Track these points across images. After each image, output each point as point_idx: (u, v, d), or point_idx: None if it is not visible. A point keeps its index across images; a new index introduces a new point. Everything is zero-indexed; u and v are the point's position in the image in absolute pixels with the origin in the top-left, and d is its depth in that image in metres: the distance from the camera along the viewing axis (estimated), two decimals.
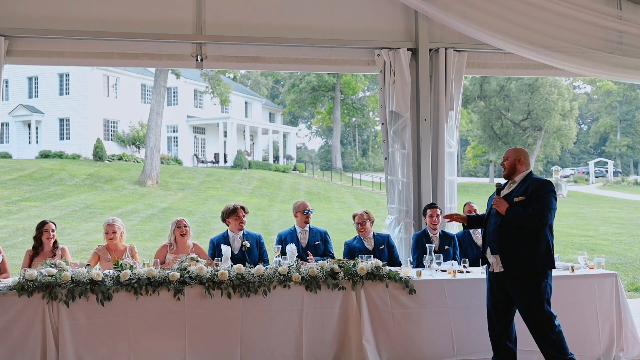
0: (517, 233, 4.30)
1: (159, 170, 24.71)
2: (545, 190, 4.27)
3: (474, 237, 6.17)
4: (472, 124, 42.41)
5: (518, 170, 4.47)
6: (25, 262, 5.45)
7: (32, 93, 32.87)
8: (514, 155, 4.48)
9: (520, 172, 4.46)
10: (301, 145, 58.42)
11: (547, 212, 4.21)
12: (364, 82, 43.26)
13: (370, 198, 26.09)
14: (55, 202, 18.95)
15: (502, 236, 4.36)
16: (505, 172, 4.52)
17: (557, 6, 6.35)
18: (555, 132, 37.37)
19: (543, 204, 4.22)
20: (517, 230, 4.29)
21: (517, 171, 4.47)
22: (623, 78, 7.02)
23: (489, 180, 43.00)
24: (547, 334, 4.31)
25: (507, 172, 4.50)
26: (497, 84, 37.34)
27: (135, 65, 6.85)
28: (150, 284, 4.53)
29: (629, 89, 48.46)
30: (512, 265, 4.32)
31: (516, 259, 4.30)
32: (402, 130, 6.51)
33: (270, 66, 6.68)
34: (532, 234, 4.27)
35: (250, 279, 4.67)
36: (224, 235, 5.79)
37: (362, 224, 5.90)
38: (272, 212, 19.76)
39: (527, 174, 4.44)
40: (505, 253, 4.34)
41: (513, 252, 4.31)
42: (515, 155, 4.49)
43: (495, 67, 6.88)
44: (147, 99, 34.02)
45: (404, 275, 4.90)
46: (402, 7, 6.55)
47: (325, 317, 4.78)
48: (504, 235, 4.35)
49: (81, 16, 6.10)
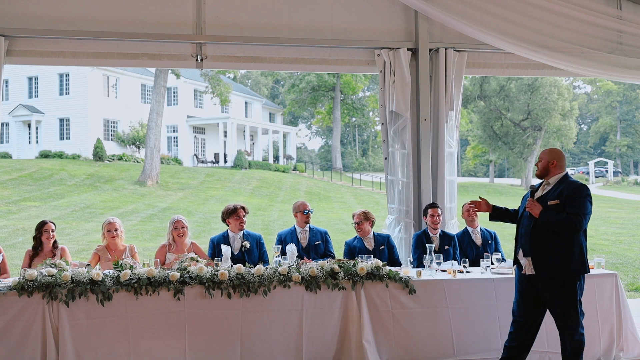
0: (550, 237, 4.25)
1: (159, 170, 24.71)
2: (581, 195, 4.22)
3: (474, 237, 6.18)
4: (472, 124, 42.40)
5: (552, 172, 4.40)
6: (25, 262, 5.45)
7: (32, 93, 32.86)
8: (548, 157, 4.42)
9: (554, 174, 4.39)
10: (301, 145, 58.43)
11: (582, 217, 4.17)
12: (364, 82, 43.24)
13: (370, 198, 26.09)
14: (55, 202, 18.95)
15: (535, 239, 4.31)
16: (537, 172, 4.47)
17: (557, 6, 6.35)
18: (555, 132, 37.34)
19: (578, 208, 4.18)
20: (550, 234, 4.24)
21: (550, 173, 4.40)
22: (623, 78, 7.02)
23: (488, 180, 43.03)
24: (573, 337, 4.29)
25: (540, 173, 4.45)
26: (497, 84, 37.32)
27: (135, 65, 6.85)
28: (150, 284, 4.53)
29: (629, 89, 48.46)
30: (544, 269, 4.28)
31: (548, 262, 4.26)
32: (402, 130, 6.51)
33: (270, 66, 6.68)
34: (566, 238, 4.22)
35: (250, 279, 4.67)
36: (224, 235, 5.79)
37: (359, 224, 5.89)
38: (272, 212, 19.76)
39: (562, 176, 4.37)
40: (538, 256, 4.29)
41: (545, 256, 4.26)
42: (549, 157, 4.42)
43: (495, 67, 6.88)
44: (147, 99, 34.01)
45: (404, 275, 4.90)
46: (402, 7, 6.55)
47: (325, 317, 4.78)
48: (536, 238, 4.31)
49: (81, 16, 6.10)
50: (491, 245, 6.16)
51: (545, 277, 4.28)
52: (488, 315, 4.94)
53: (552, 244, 4.25)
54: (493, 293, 4.97)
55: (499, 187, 37.14)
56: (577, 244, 4.24)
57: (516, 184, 39.32)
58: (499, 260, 5.51)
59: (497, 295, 4.97)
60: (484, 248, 6.10)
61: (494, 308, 4.96)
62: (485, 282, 5.01)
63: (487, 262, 5.29)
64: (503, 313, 4.94)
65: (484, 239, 6.19)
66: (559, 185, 4.33)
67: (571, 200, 4.20)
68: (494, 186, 37.57)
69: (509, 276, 5.07)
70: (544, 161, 4.42)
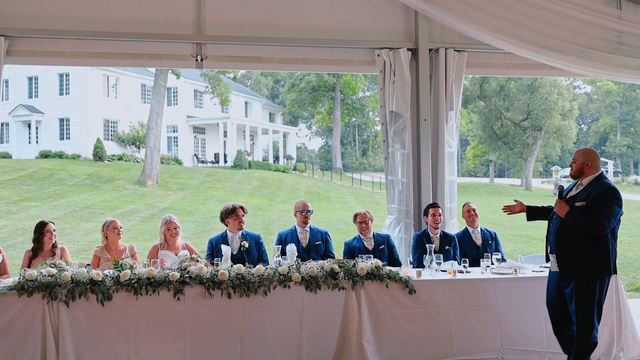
0: (575, 236, 4.30)
1: (159, 170, 24.71)
2: (607, 198, 4.25)
3: (474, 237, 6.18)
4: (472, 124, 42.40)
5: (586, 173, 4.42)
6: (24, 262, 5.44)
7: (32, 93, 32.86)
8: (582, 159, 4.43)
9: (588, 175, 4.42)
10: (301, 145, 58.42)
11: (605, 220, 4.19)
12: (364, 82, 43.24)
13: (370, 198, 26.09)
14: (55, 202, 18.95)
15: (561, 238, 4.39)
16: (572, 173, 4.50)
17: (557, 6, 6.35)
18: (555, 132, 37.35)
19: (602, 211, 4.21)
20: (576, 234, 4.29)
21: (584, 174, 4.43)
22: (623, 78, 7.02)
23: (488, 180, 43.02)
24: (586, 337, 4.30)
25: (574, 174, 4.48)
26: (497, 84, 37.33)
27: (135, 65, 6.85)
28: (150, 284, 4.53)
29: (629, 89, 48.46)
30: (565, 268, 4.36)
31: (571, 261, 4.32)
32: (402, 130, 6.51)
33: (270, 66, 6.68)
34: (590, 239, 4.26)
35: (250, 279, 4.67)
36: (223, 236, 5.79)
37: (366, 223, 5.90)
38: (272, 212, 19.76)
39: (595, 177, 4.40)
40: (562, 255, 4.38)
41: (569, 255, 4.33)
42: (583, 159, 4.43)
43: (495, 67, 6.88)
44: (147, 99, 34.01)
45: (404, 275, 4.90)
46: (402, 7, 6.55)
47: (325, 317, 4.78)
48: (562, 237, 4.38)
49: (81, 16, 6.10)
50: (491, 245, 6.16)
51: (567, 275, 4.35)
52: (488, 315, 4.94)
53: (577, 244, 4.30)
54: (493, 293, 4.97)
55: (498, 187, 37.14)
56: (601, 246, 4.27)
57: (516, 184, 39.32)
58: (499, 261, 5.51)
59: (497, 295, 4.97)
60: (484, 248, 6.10)
61: (494, 308, 4.95)
62: (485, 282, 5.00)
63: (487, 262, 5.29)
64: (503, 313, 4.95)
65: (484, 239, 6.19)
66: (589, 187, 4.36)
67: (597, 202, 4.24)
68: (493, 186, 37.58)
69: (509, 276, 5.07)
70: (578, 162, 4.45)
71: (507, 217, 21.36)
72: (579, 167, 4.43)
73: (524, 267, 5.35)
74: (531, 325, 4.96)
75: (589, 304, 4.28)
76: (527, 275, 5.13)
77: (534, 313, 4.96)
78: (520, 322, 4.96)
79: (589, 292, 4.27)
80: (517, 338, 4.93)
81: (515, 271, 5.12)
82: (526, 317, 4.97)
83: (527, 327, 4.95)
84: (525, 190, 36.39)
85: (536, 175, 42.07)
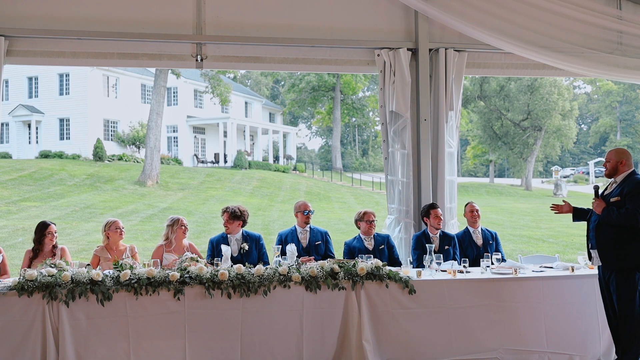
0: (613, 231, 4.54)
1: (159, 170, 24.70)
2: (639, 190, 4.45)
3: (475, 237, 6.18)
4: (472, 124, 42.39)
5: (620, 171, 4.66)
6: (24, 262, 5.44)
7: (32, 93, 32.86)
8: (615, 158, 4.67)
9: (621, 173, 4.65)
10: (301, 145, 58.41)
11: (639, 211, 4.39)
12: (364, 82, 43.23)
13: (370, 198, 26.08)
14: (55, 202, 18.95)
15: (600, 234, 4.63)
16: (606, 173, 4.74)
17: (557, 6, 6.35)
18: (555, 132, 37.34)
19: (636, 203, 4.42)
20: (613, 228, 4.53)
21: (618, 172, 4.66)
22: (623, 78, 7.03)
23: (488, 180, 43.01)
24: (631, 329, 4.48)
25: (609, 173, 4.71)
26: (497, 84, 37.32)
27: (135, 65, 6.85)
28: (150, 284, 4.53)
29: (629, 89, 48.46)
30: (606, 260, 4.59)
31: (611, 254, 4.55)
32: (402, 130, 6.51)
33: (270, 66, 6.68)
34: (627, 231, 4.48)
35: (250, 279, 4.67)
36: (223, 236, 5.78)
37: (373, 222, 5.90)
38: (272, 212, 19.76)
39: (628, 174, 4.63)
40: (602, 249, 4.61)
41: (607, 248, 4.56)
42: (617, 157, 4.67)
43: (495, 67, 6.88)
44: (147, 99, 34.01)
45: (404, 275, 4.90)
46: (402, 7, 6.55)
47: (325, 317, 4.78)
48: (601, 232, 4.62)
49: (81, 16, 6.10)
50: (492, 245, 6.16)
51: (608, 267, 4.57)
52: (488, 315, 4.94)
53: (613, 238, 4.54)
54: (493, 293, 4.97)
55: (498, 187, 37.13)
56: (638, 238, 4.47)
57: (516, 184, 39.31)
58: (499, 261, 5.51)
59: (497, 296, 4.97)
60: (485, 248, 6.10)
61: (493, 308, 4.95)
62: (485, 282, 5.00)
63: (487, 262, 5.29)
64: (503, 313, 4.95)
65: (484, 239, 6.19)
66: (623, 183, 4.59)
67: (631, 196, 4.47)
68: (493, 186, 37.57)
69: (509, 276, 5.07)
70: (612, 162, 4.68)
71: (507, 217, 21.26)
72: (614, 165, 4.68)
73: (524, 267, 5.35)
74: (531, 325, 4.96)
75: (630, 295, 4.47)
76: (527, 275, 5.13)
77: (534, 313, 4.96)
78: (519, 322, 4.96)
79: (630, 283, 4.48)
80: (516, 338, 4.93)
81: (515, 271, 5.13)
82: (526, 317, 4.97)
83: (527, 327, 4.96)
84: (525, 190, 36.39)
85: (536, 175, 42.06)
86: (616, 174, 4.67)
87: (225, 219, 5.71)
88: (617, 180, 4.65)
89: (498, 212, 22.16)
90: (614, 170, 4.67)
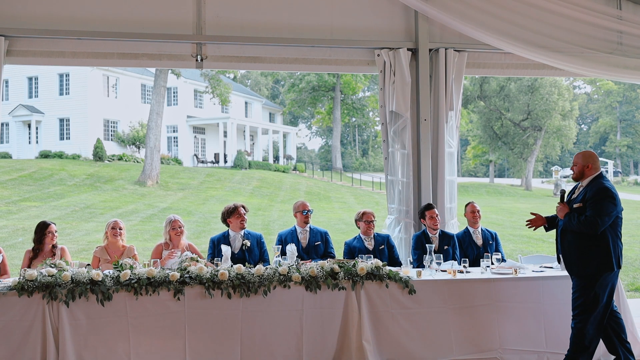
0: (575, 237, 4.49)
1: (159, 170, 24.71)
2: (600, 197, 4.39)
3: (475, 237, 6.18)
4: (472, 124, 42.39)
5: (586, 175, 4.58)
6: (24, 262, 5.44)
7: (32, 93, 32.86)
8: (582, 162, 4.59)
9: (587, 177, 4.57)
10: (301, 145, 58.41)
11: (598, 219, 4.33)
12: (364, 82, 43.23)
13: (370, 198, 26.08)
14: (55, 202, 18.95)
15: (564, 240, 4.60)
16: (573, 176, 4.67)
17: (557, 6, 6.34)
18: (555, 132, 37.34)
19: (595, 211, 4.36)
20: (576, 234, 4.48)
21: (585, 176, 4.58)
22: (623, 78, 7.02)
23: (488, 180, 43.01)
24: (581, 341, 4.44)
25: (576, 177, 4.64)
26: (497, 84, 37.32)
27: (135, 65, 6.85)
28: (150, 284, 4.53)
29: (629, 89, 48.46)
30: (569, 266, 4.55)
31: (575, 261, 4.50)
32: (402, 130, 6.51)
33: (270, 66, 6.68)
34: (588, 237, 4.42)
35: (250, 279, 4.67)
36: (225, 235, 5.78)
37: (371, 222, 5.90)
38: (272, 212, 19.76)
39: (592, 178, 4.54)
40: (566, 255, 4.57)
41: (572, 255, 4.51)
42: (583, 161, 4.59)
43: (495, 67, 6.88)
44: (147, 99, 34.01)
45: (404, 275, 4.90)
46: (402, 7, 6.55)
47: (325, 317, 4.78)
48: (565, 238, 4.58)
49: (81, 16, 6.10)
50: (492, 245, 6.16)
51: (572, 273, 4.53)
52: (488, 315, 4.94)
53: (577, 244, 4.48)
54: (493, 293, 4.97)
55: (499, 187, 37.13)
56: (602, 244, 4.42)
57: (516, 184, 39.31)
58: (499, 261, 5.52)
59: (497, 295, 4.97)
60: (485, 248, 6.10)
61: (493, 308, 4.96)
62: (485, 282, 5.00)
63: (487, 262, 5.30)
64: (503, 313, 4.95)
65: (484, 239, 6.19)
66: (587, 187, 4.52)
67: (591, 202, 4.40)
68: (493, 186, 37.56)
69: (509, 276, 5.07)
70: (579, 165, 4.60)
71: (507, 217, 21.27)
72: (580, 169, 4.58)
73: (523, 267, 5.35)
74: (530, 325, 4.97)
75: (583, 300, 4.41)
76: (526, 275, 5.13)
77: (533, 313, 4.97)
78: (519, 322, 4.96)
79: (586, 288, 4.41)
80: (516, 338, 4.93)
81: (515, 271, 5.13)
82: (525, 317, 4.97)
83: (526, 327, 4.96)
84: (525, 190, 36.38)
85: (536, 175, 42.06)
86: (582, 178, 4.58)
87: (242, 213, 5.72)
88: (584, 184, 4.57)
89: (498, 212, 22.16)
90: (580, 174, 4.59)
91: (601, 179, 4.51)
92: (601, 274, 4.41)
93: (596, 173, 4.56)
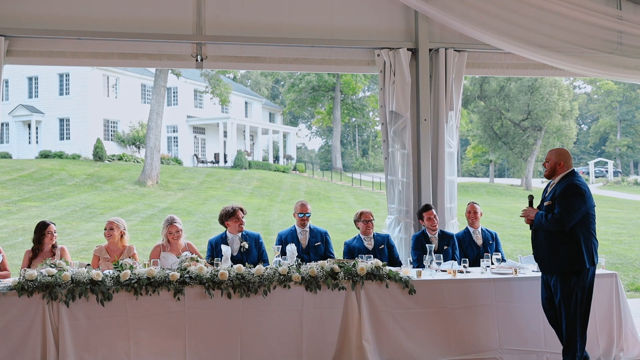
0: (547, 236, 4.50)
1: (159, 170, 24.70)
2: (567, 194, 4.39)
3: (475, 237, 6.18)
4: (472, 124, 42.38)
5: (558, 172, 4.58)
6: (24, 262, 5.44)
7: (32, 93, 32.86)
8: (554, 159, 4.59)
9: (559, 174, 4.57)
10: (301, 145, 58.40)
11: (565, 216, 4.33)
12: (364, 82, 43.23)
13: (370, 198, 26.08)
14: (55, 202, 18.95)
15: (537, 239, 4.62)
16: (545, 174, 4.67)
17: (557, 6, 6.35)
18: (555, 132, 37.31)
19: (562, 207, 4.36)
20: (548, 233, 4.48)
21: (556, 173, 4.58)
22: (623, 78, 7.03)
23: (488, 180, 43.00)
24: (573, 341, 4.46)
25: (548, 174, 4.65)
26: (497, 84, 37.30)
27: (135, 65, 6.85)
28: (150, 284, 4.53)
29: (629, 89, 48.45)
30: (542, 265, 4.58)
31: (547, 260, 4.52)
32: (402, 130, 6.51)
33: (270, 66, 6.68)
34: (558, 235, 4.42)
35: (250, 279, 4.67)
36: (222, 237, 5.77)
37: (370, 222, 5.90)
38: (272, 212, 19.76)
39: (563, 175, 4.54)
40: (538, 255, 4.60)
41: (544, 254, 4.54)
42: (556, 158, 4.59)
43: (495, 67, 6.88)
44: (147, 99, 34.01)
45: (404, 275, 4.90)
46: (402, 7, 6.55)
47: (325, 317, 4.78)
48: (537, 238, 4.61)
49: (81, 16, 6.10)
50: (492, 245, 6.16)
51: (546, 272, 4.56)
52: (487, 315, 4.94)
53: (548, 242, 4.49)
54: (493, 293, 4.97)
55: (499, 187, 37.12)
56: (572, 241, 4.40)
57: (516, 184, 39.30)
58: (499, 261, 5.52)
59: (497, 295, 4.98)
60: (485, 248, 6.10)
61: (493, 308, 4.96)
62: (485, 282, 5.01)
63: (487, 262, 5.30)
64: (502, 313, 4.95)
65: (484, 239, 6.19)
66: (557, 185, 4.52)
67: (559, 199, 4.42)
68: (494, 186, 37.56)
69: (509, 276, 5.07)
70: (551, 162, 4.59)
71: (507, 217, 21.24)
72: (552, 166, 4.60)
73: (523, 267, 5.35)
74: (530, 325, 4.97)
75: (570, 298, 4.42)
76: (526, 275, 5.13)
77: (533, 313, 4.96)
78: (519, 322, 4.96)
79: (568, 285, 4.42)
80: (515, 338, 4.94)
81: (515, 271, 5.13)
82: (525, 317, 4.97)
83: (526, 327, 4.96)
84: (525, 190, 36.36)
85: (536, 175, 42.03)
86: (554, 175, 4.58)
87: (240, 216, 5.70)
88: (555, 182, 4.57)
89: (498, 212, 22.16)
90: (552, 171, 4.59)
91: (572, 177, 4.50)
92: (574, 271, 4.41)
93: (568, 170, 4.54)
